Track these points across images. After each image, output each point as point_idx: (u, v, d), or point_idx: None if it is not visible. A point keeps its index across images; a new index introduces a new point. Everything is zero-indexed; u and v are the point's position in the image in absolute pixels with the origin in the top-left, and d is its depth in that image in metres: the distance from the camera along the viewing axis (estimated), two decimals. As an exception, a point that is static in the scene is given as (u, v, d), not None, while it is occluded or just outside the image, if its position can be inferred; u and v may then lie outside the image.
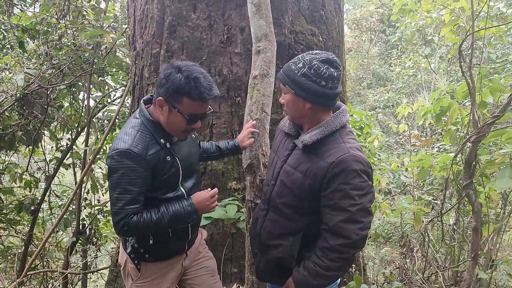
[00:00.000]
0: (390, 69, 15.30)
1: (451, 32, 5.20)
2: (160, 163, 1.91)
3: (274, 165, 2.02)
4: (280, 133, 2.12)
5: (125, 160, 1.81)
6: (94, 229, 5.76)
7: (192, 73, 1.83)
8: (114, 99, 6.11)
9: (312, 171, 1.81)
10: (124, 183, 1.82)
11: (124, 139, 1.85)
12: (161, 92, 1.86)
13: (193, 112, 1.88)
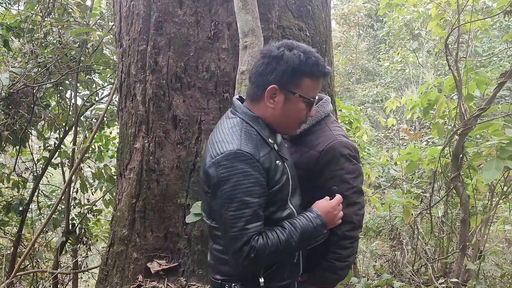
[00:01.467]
0: (379, 64, 15.37)
1: (438, 26, 5.23)
2: (273, 168, 1.54)
3: None
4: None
5: (237, 164, 1.44)
6: (84, 228, 5.72)
7: (305, 48, 1.58)
8: (102, 97, 6.06)
9: (303, 161, 1.84)
10: (240, 194, 1.43)
11: (227, 139, 1.50)
12: (272, 79, 1.54)
13: (313, 94, 1.61)
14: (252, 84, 1.62)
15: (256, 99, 1.60)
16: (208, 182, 1.52)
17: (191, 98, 3.11)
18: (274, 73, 1.54)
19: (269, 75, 1.54)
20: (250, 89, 1.63)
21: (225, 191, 1.44)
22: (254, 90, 1.60)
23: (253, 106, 1.61)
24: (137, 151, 3.27)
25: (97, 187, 5.88)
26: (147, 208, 3.23)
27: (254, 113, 1.59)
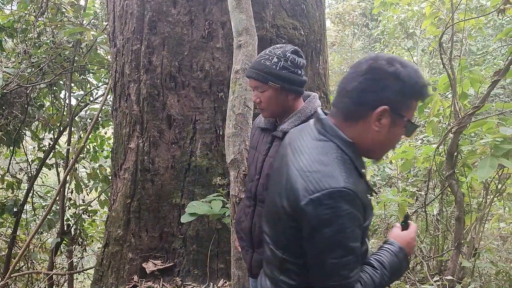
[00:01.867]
0: (374, 63, 15.36)
1: (432, 25, 5.24)
2: (368, 204, 1.35)
3: (256, 160, 2.03)
4: (256, 130, 2.12)
5: (342, 205, 1.23)
6: (79, 229, 5.70)
7: (412, 65, 1.36)
8: (97, 97, 6.04)
9: None
10: (345, 240, 1.24)
11: (327, 172, 1.27)
12: (384, 98, 1.29)
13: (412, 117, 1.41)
14: (349, 99, 1.34)
15: (354, 118, 1.35)
16: (300, 220, 1.30)
17: (185, 97, 3.10)
18: (387, 92, 1.29)
19: (379, 93, 1.30)
20: (346, 106, 1.35)
21: (327, 235, 1.24)
22: (353, 108, 1.34)
23: (348, 127, 1.36)
24: (132, 151, 3.26)
25: (92, 187, 5.86)
26: (142, 208, 3.22)
27: (348, 138, 1.35)
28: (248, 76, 1.89)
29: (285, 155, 1.44)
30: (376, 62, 1.31)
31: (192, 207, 2.53)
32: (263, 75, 1.84)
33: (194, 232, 3.10)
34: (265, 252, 1.54)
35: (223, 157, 2.95)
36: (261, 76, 1.84)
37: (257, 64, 1.87)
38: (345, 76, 1.36)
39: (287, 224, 1.35)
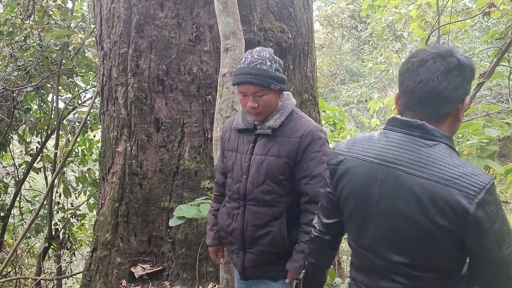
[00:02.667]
0: (363, 64, 15.50)
1: (419, 27, 5.30)
2: None
3: (240, 161, 2.05)
4: (232, 132, 2.13)
5: (496, 195, 1.27)
6: (67, 233, 5.65)
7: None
8: (85, 100, 6.00)
9: (285, 150, 1.93)
10: (508, 225, 1.28)
11: (472, 171, 1.26)
12: (462, 92, 1.32)
13: None
14: (441, 100, 1.32)
15: (445, 115, 1.34)
16: (467, 230, 1.25)
17: (173, 101, 3.09)
18: (469, 84, 1.34)
19: (466, 86, 1.33)
20: (438, 106, 1.33)
21: (497, 229, 1.24)
22: (446, 107, 1.33)
23: (440, 125, 1.34)
24: (120, 155, 3.24)
25: (80, 191, 5.81)
26: (130, 212, 3.20)
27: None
28: (246, 82, 1.85)
29: (391, 177, 1.33)
30: (457, 57, 1.31)
31: (180, 210, 2.52)
32: (264, 79, 1.85)
33: (183, 235, 3.09)
34: (381, 282, 1.42)
35: (212, 160, 2.95)
36: (262, 81, 1.85)
37: (253, 69, 1.86)
38: (423, 80, 1.31)
39: (445, 242, 1.29)
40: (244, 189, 2.03)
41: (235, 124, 2.09)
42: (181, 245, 3.10)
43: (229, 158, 2.11)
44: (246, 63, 1.89)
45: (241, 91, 1.90)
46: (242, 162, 2.03)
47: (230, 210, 2.11)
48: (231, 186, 2.11)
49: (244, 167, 2.02)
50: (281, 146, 1.94)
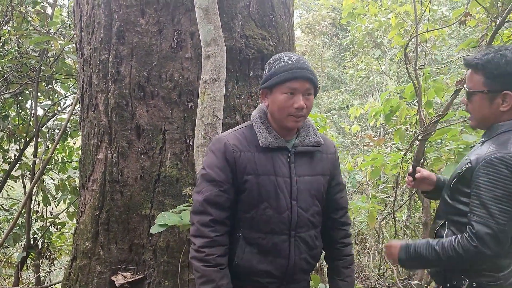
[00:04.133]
0: (344, 71, 15.67)
1: (398, 35, 5.40)
2: None
3: (283, 185, 1.83)
4: (255, 153, 1.83)
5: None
6: (46, 242, 5.55)
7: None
8: (65, 107, 5.92)
9: (326, 167, 1.93)
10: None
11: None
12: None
13: None
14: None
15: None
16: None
17: (154, 107, 3.08)
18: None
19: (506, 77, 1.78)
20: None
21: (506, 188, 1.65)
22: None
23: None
24: (100, 162, 3.21)
25: (60, 199, 5.73)
26: (111, 220, 3.16)
27: None
28: (303, 77, 1.74)
29: None
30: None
31: (162, 218, 2.51)
32: (316, 78, 1.81)
33: (165, 243, 3.06)
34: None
35: (193, 167, 2.94)
36: (315, 78, 1.80)
37: (305, 65, 1.79)
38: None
39: None
40: (296, 217, 1.83)
41: (265, 143, 1.80)
42: (162, 252, 3.07)
43: (260, 184, 1.80)
44: (293, 59, 1.78)
45: (293, 87, 1.73)
46: (287, 186, 1.83)
47: (271, 247, 1.84)
48: (270, 218, 1.82)
49: (293, 192, 1.83)
50: (323, 164, 1.91)
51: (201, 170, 1.86)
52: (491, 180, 1.65)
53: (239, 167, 1.78)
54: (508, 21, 3.52)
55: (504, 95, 1.76)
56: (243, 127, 1.92)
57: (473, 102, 1.85)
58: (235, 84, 3.18)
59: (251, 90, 3.26)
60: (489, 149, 1.72)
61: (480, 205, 1.66)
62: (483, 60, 1.77)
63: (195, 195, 1.84)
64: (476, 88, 1.81)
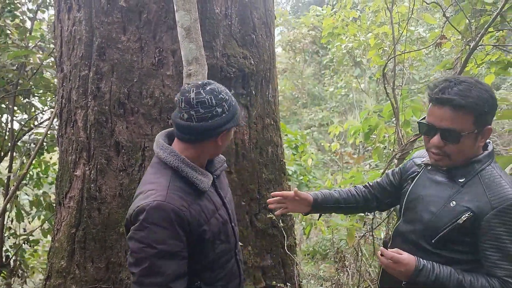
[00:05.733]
0: (324, 89, 15.89)
1: (377, 55, 5.52)
2: None
3: (225, 216, 1.90)
4: (202, 196, 1.79)
5: None
6: (19, 260, 5.39)
7: None
8: (42, 122, 5.82)
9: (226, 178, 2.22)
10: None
11: None
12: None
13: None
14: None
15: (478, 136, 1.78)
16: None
17: (134, 124, 3.06)
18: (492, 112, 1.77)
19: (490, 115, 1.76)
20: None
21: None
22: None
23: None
24: (78, 179, 3.16)
25: (34, 215, 5.58)
26: (87, 237, 3.10)
27: None
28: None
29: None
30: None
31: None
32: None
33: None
34: None
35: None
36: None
37: None
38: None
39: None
40: (236, 238, 2.04)
41: (205, 186, 1.77)
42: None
43: (213, 226, 1.81)
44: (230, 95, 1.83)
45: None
46: (227, 215, 1.96)
47: (229, 274, 1.95)
48: (224, 250, 1.91)
49: (231, 217, 1.99)
50: (225, 176, 2.19)
51: (145, 250, 1.56)
52: (510, 229, 1.59)
53: (193, 226, 1.66)
54: (481, 44, 3.64)
55: (486, 130, 1.71)
56: (167, 181, 1.68)
57: (460, 144, 1.69)
58: (216, 102, 3.19)
59: (232, 108, 3.27)
60: (489, 195, 1.65)
61: (504, 257, 1.61)
62: (473, 99, 1.63)
63: (147, 278, 1.56)
64: (467, 129, 1.67)
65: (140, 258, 1.57)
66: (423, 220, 1.83)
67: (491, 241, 1.63)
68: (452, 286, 1.66)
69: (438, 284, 1.68)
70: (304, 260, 6.49)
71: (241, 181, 3.32)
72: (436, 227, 1.76)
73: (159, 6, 3.01)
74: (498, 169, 1.74)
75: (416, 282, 1.71)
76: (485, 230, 1.63)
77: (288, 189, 3.84)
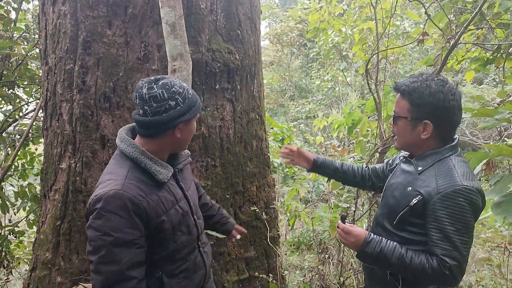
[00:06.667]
0: (311, 81, 15.97)
1: (361, 50, 5.60)
2: None
3: (185, 208, 2.02)
4: (161, 187, 1.87)
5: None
6: (5, 251, 5.39)
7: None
8: (27, 113, 5.79)
9: (190, 172, 2.30)
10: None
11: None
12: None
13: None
14: None
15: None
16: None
17: (120, 118, 3.09)
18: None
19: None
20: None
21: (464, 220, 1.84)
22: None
23: None
24: (63, 172, 3.19)
25: (20, 206, 5.58)
26: (72, 230, 3.14)
27: None
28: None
29: None
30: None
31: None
32: None
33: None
34: None
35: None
36: None
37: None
38: None
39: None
40: (199, 229, 2.11)
41: (164, 177, 1.82)
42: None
43: (172, 218, 1.87)
44: (186, 87, 1.94)
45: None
46: (188, 207, 2.06)
47: (192, 266, 2.05)
48: (185, 242, 2.01)
49: (192, 210, 2.07)
50: (190, 170, 2.30)
51: (102, 237, 1.58)
52: (450, 213, 1.75)
53: (150, 216, 1.68)
54: (461, 42, 3.73)
55: (425, 124, 1.90)
56: (125, 171, 1.71)
57: (398, 125, 1.98)
58: (201, 97, 3.24)
59: (217, 103, 3.32)
60: (438, 182, 1.83)
61: (444, 238, 1.77)
62: (410, 88, 1.89)
63: (103, 266, 1.58)
64: (401, 113, 1.94)
65: (97, 246, 1.59)
66: (388, 204, 2.08)
67: (433, 223, 1.80)
68: (394, 259, 1.85)
69: (382, 256, 1.88)
70: (289, 250, 6.59)
71: (226, 175, 3.38)
72: (396, 210, 1.99)
73: (144, 1, 3.04)
74: (456, 161, 1.91)
75: (364, 253, 1.91)
76: (430, 213, 1.82)
77: (272, 182, 3.92)
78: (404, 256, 1.84)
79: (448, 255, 1.75)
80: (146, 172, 1.73)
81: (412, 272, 1.84)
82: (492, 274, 5.00)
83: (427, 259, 1.80)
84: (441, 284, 1.86)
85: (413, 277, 1.88)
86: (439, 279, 1.80)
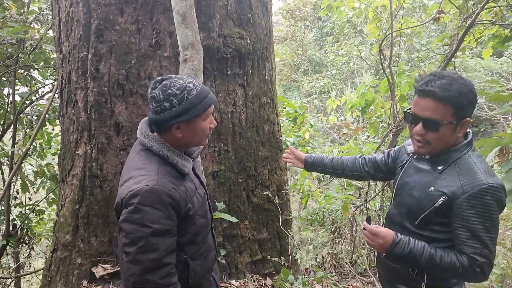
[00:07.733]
0: (326, 56, 15.75)
1: (375, 28, 5.49)
2: None
3: (203, 195, 2.07)
4: (186, 179, 1.95)
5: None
6: (26, 228, 5.59)
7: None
8: (43, 94, 5.88)
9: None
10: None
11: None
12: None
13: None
14: None
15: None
16: None
17: (133, 105, 3.14)
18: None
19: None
20: None
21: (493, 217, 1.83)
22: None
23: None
24: (80, 158, 3.27)
25: (39, 186, 5.74)
26: (90, 214, 3.24)
27: None
28: (214, 100, 1.88)
29: None
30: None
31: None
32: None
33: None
34: None
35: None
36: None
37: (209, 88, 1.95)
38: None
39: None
40: (211, 214, 2.16)
41: (188, 170, 1.92)
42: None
43: (195, 204, 1.95)
44: (197, 85, 1.87)
45: (210, 112, 1.88)
46: (204, 193, 2.10)
47: (207, 248, 2.14)
48: (202, 225, 2.06)
49: (209, 195, 2.15)
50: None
51: (140, 229, 1.68)
52: (478, 212, 1.76)
53: (181, 205, 1.78)
54: (478, 22, 3.65)
55: (464, 122, 1.84)
56: (156, 167, 1.79)
57: (439, 132, 1.83)
58: (213, 83, 3.26)
59: (228, 88, 3.34)
60: (462, 181, 1.81)
61: (473, 236, 1.78)
62: (453, 92, 1.77)
63: (143, 255, 1.69)
64: (446, 119, 1.80)
65: (136, 237, 1.68)
66: (407, 204, 2.02)
67: (461, 222, 1.80)
68: (424, 259, 1.84)
69: (411, 256, 1.86)
70: (302, 226, 6.67)
71: (238, 159, 3.42)
72: (417, 210, 1.95)
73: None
74: (474, 157, 1.88)
75: (393, 255, 1.88)
76: (457, 212, 1.80)
77: (285, 165, 3.96)
78: (434, 256, 1.84)
79: (478, 253, 1.76)
80: (173, 166, 1.83)
81: (441, 270, 1.85)
82: (504, 255, 5.02)
83: (457, 258, 1.81)
84: (471, 281, 1.90)
85: (441, 274, 1.90)
86: (469, 276, 1.83)
